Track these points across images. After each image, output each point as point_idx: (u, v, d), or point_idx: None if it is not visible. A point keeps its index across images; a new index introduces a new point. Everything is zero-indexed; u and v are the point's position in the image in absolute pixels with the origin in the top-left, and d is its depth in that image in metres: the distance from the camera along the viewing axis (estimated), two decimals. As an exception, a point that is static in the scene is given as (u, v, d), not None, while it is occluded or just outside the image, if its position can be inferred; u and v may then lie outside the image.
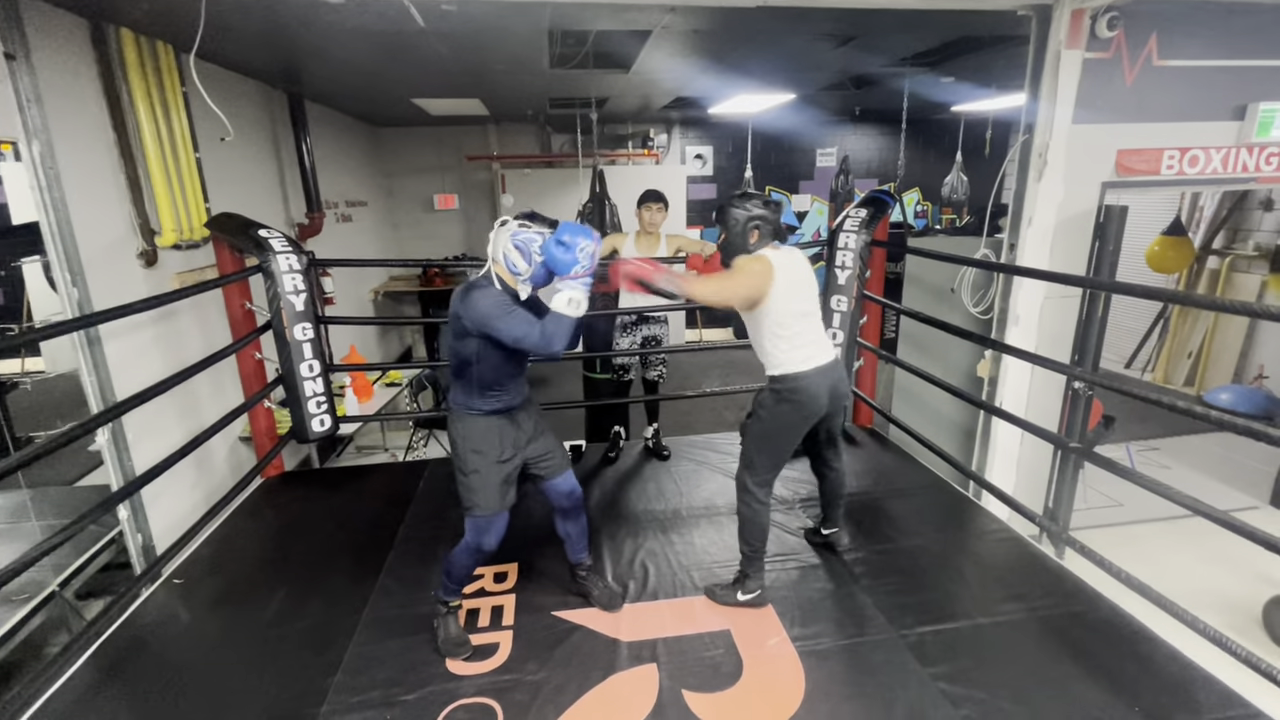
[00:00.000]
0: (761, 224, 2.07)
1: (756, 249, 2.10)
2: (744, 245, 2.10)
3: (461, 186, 7.62)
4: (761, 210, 2.08)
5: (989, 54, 3.92)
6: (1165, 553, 3.42)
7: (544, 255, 1.77)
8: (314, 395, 2.89)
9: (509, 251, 1.81)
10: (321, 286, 4.77)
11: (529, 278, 1.82)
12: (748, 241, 2.09)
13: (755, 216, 2.06)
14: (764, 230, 2.08)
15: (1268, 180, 3.09)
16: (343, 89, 4.67)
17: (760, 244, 2.09)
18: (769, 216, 2.08)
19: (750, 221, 2.07)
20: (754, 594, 2.18)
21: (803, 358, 2.07)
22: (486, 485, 1.92)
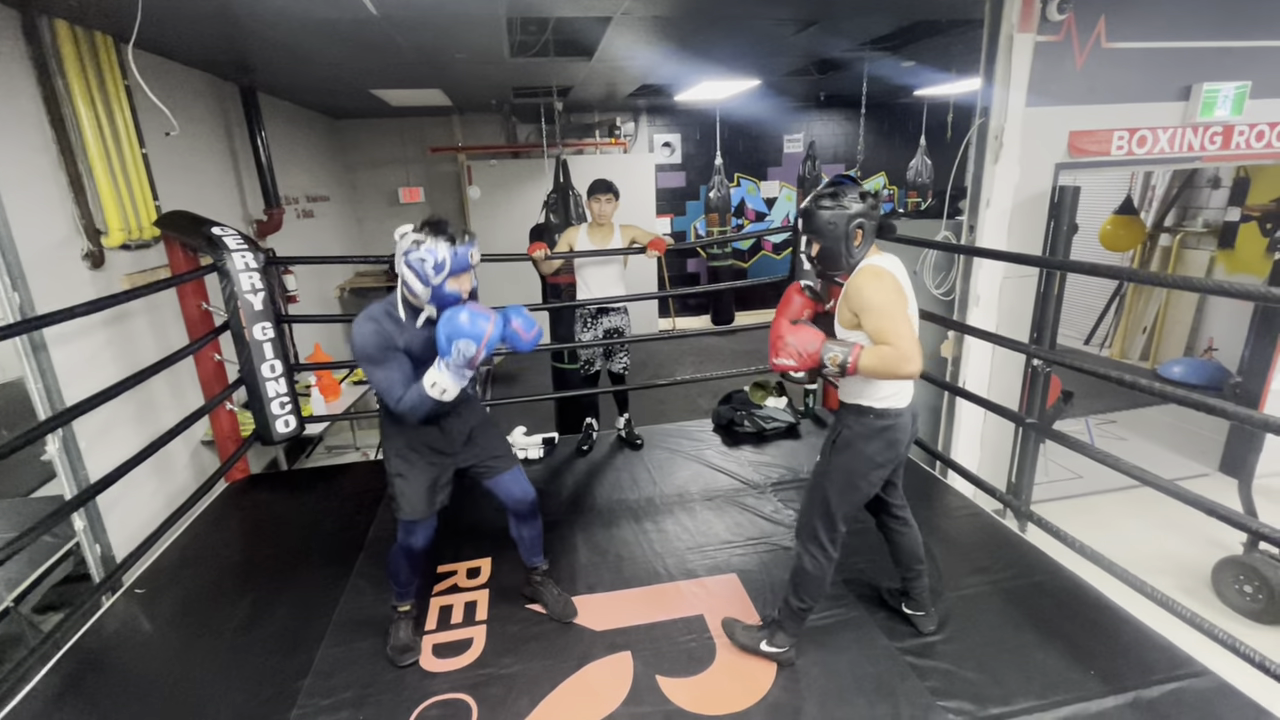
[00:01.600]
0: (865, 221, 1.67)
1: (863, 256, 1.70)
2: (850, 254, 1.68)
3: (427, 179, 7.49)
4: (861, 205, 1.66)
5: (947, 38, 3.96)
6: (1122, 520, 3.56)
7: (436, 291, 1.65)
8: (277, 396, 2.82)
9: (403, 272, 1.66)
10: (283, 284, 4.66)
11: (428, 299, 1.67)
12: (852, 247, 1.68)
13: (857, 214, 1.65)
14: (868, 229, 1.68)
15: (1212, 159, 3.19)
16: (298, 80, 4.53)
17: (865, 248, 1.69)
18: (870, 211, 1.67)
19: (853, 222, 1.66)
20: (783, 650, 1.87)
21: (904, 388, 1.75)
22: (409, 490, 1.88)
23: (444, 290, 1.67)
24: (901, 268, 1.72)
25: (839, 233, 1.67)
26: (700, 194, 7.99)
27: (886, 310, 1.60)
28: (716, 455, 3.26)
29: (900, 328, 1.58)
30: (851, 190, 1.69)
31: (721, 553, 2.44)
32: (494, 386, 6.74)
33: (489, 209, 7.26)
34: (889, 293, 1.62)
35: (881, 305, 1.61)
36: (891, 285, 1.63)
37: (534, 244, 3.15)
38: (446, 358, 1.63)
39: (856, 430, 1.77)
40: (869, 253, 1.72)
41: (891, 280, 1.64)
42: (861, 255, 1.70)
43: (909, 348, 1.57)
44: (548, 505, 2.84)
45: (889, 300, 1.61)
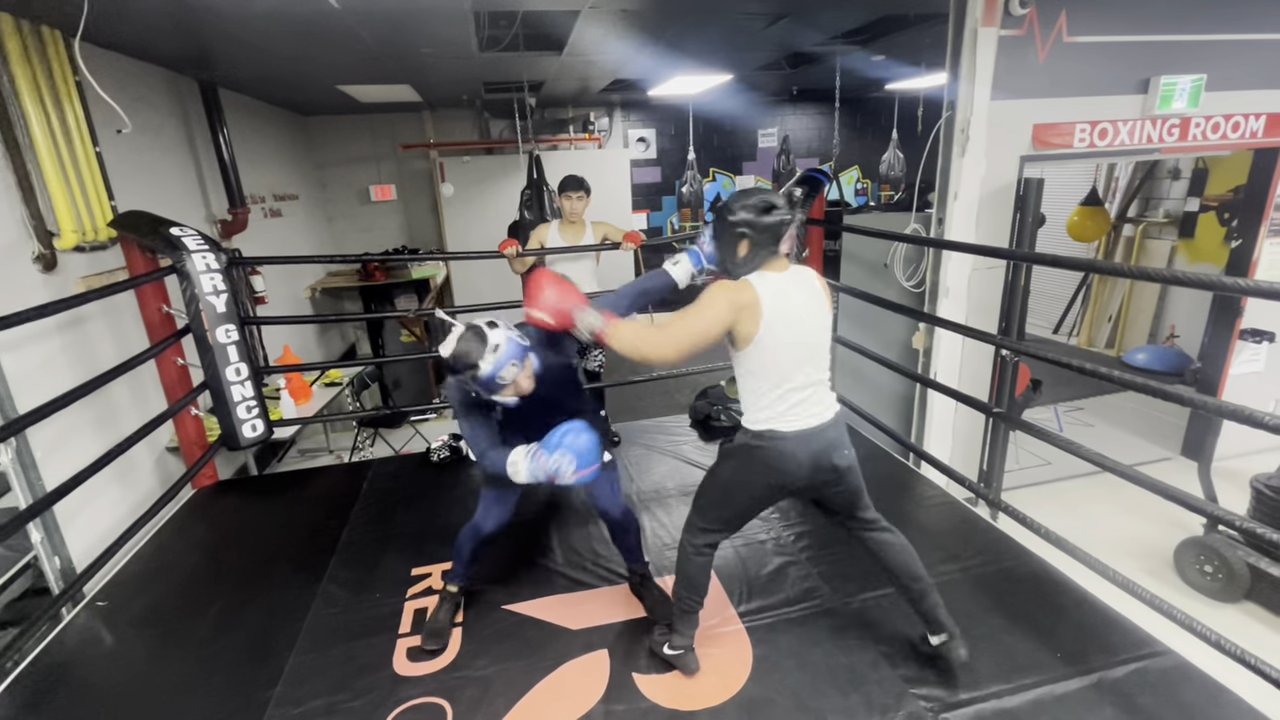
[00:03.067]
0: (751, 233, 1.53)
1: (743, 270, 1.58)
2: (732, 263, 1.60)
3: (398, 176, 7.38)
4: (750, 214, 1.52)
5: (915, 32, 4.00)
6: (1089, 505, 3.64)
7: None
8: (243, 400, 2.76)
9: None
10: (251, 285, 4.55)
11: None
12: (734, 258, 1.59)
13: (741, 223, 1.53)
14: (756, 241, 1.54)
15: (1170, 150, 3.27)
16: (260, 76, 4.42)
17: (750, 262, 1.57)
18: (762, 222, 1.52)
19: (736, 230, 1.54)
20: (679, 652, 1.82)
21: (784, 414, 1.61)
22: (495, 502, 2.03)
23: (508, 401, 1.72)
24: (803, 289, 1.60)
25: (723, 241, 1.61)
26: (675, 189, 7.98)
27: (691, 310, 1.54)
28: (693, 450, 3.27)
29: (684, 321, 1.53)
30: (759, 194, 1.57)
31: (698, 548, 2.44)
32: (471, 385, 6.68)
33: (463, 206, 7.17)
34: (711, 304, 1.52)
35: (695, 305, 1.53)
36: (724, 299, 1.52)
37: (505, 241, 3.12)
38: (544, 455, 1.65)
39: (737, 443, 1.70)
40: (755, 269, 1.58)
41: (733, 296, 1.52)
42: (747, 271, 1.58)
43: (670, 337, 1.53)
44: (524, 504, 2.80)
45: (703, 305, 1.53)
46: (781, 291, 1.56)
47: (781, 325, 1.55)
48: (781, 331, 1.55)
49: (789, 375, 1.60)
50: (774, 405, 1.62)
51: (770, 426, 1.62)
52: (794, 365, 1.60)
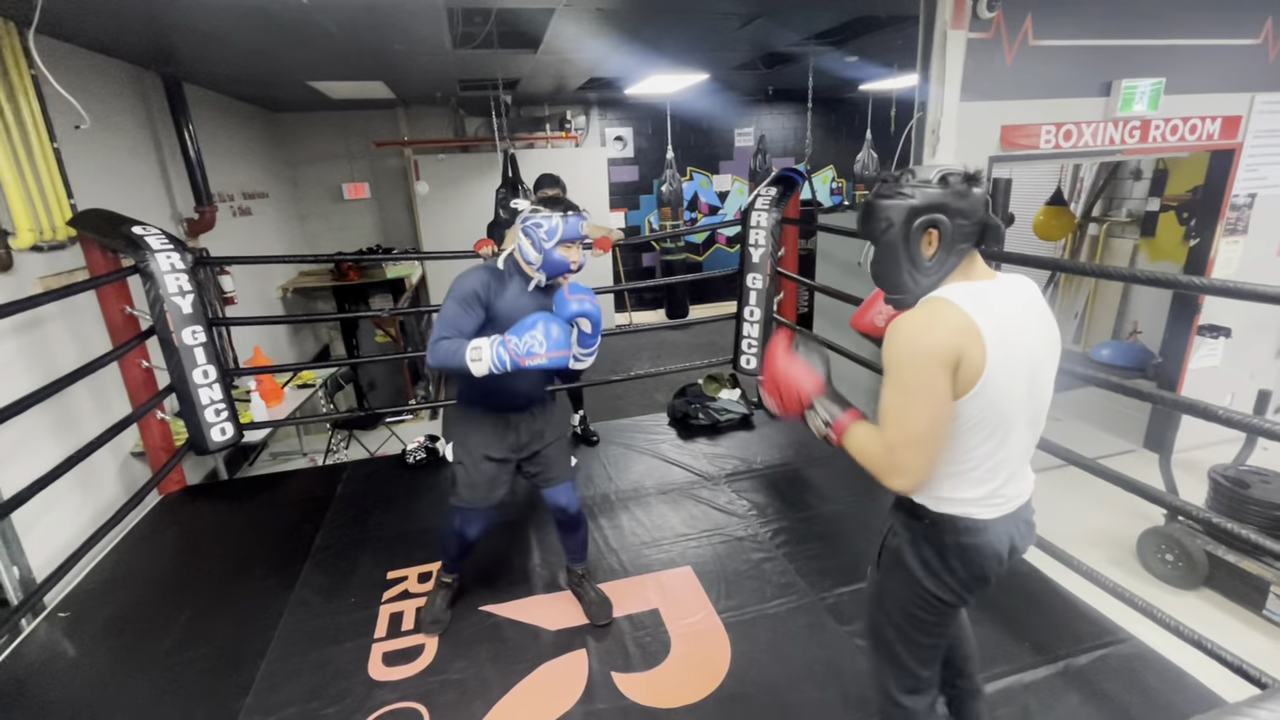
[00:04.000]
0: (945, 220, 1.07)
1: (927, 282, 1.12)
2: (916, 272, 1.12)
3: (372, 174, 7.26)
4: (939, 192, 1.07)
5: (888, 33, 4.06)
6: (1057, 497, 3.72)
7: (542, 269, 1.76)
8: (211, 403, 2.70)
9: (520, 240, 1.77)
10: (219, 286, 4.45)
11: (540, 266, 1.76)
12: (920, 260, 1.11)
13: (926, 207, 1.08)
14: (951, 233, 1.08)
15: (1131, 152, 3.36)
16: (227, 71, 4.32)
17: (939, 269, 1.11)
18: (960, 204, 1.07)
19: (918, 220, 1.08)
20: None
21: (994, 493, 1.16)
22: (468, 477, 1.92)
23: (554, 255, 1.75)
24: (1024, 305, 1.12)
25: (894, 237, 1.10)
26: (653, 188, 7.99)
27: (899, 378, 1.06)
28: (671, 449, 3.28)
29: (906, 413, 1.06)
30: (925, 171, 1.10)
31: (676, 546, 2.46)
32: (447, 385, 6.62)
33: (438, 204, 7.09)
34: (917, 351, 1.04)
35: (898, 366, 1.06)
36: (929, 339, 1.04)
37: (481, 240, 3.09)
38: (513, 338, 1.63)
39: (904, 539, 1.23)
40: (953, 275, 1.11)
41: (938, 329, 1.04)
42: (938, 277, 1.11)
43: (900, 450, 1.07)
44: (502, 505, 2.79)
45: (910, 363, 1.05)
46: (1001, 310, 1.08)
47: (1008, 364, 1.06)
48: (1008, 374, 1.07)
49: (1010, 437, 1.12)
50: (983, 481, 1.14)
51: (970, 513, 1.16)
52: (1023, 423, 1.13)
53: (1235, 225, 3.77)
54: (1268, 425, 1.58)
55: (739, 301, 3.37)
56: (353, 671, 1.89)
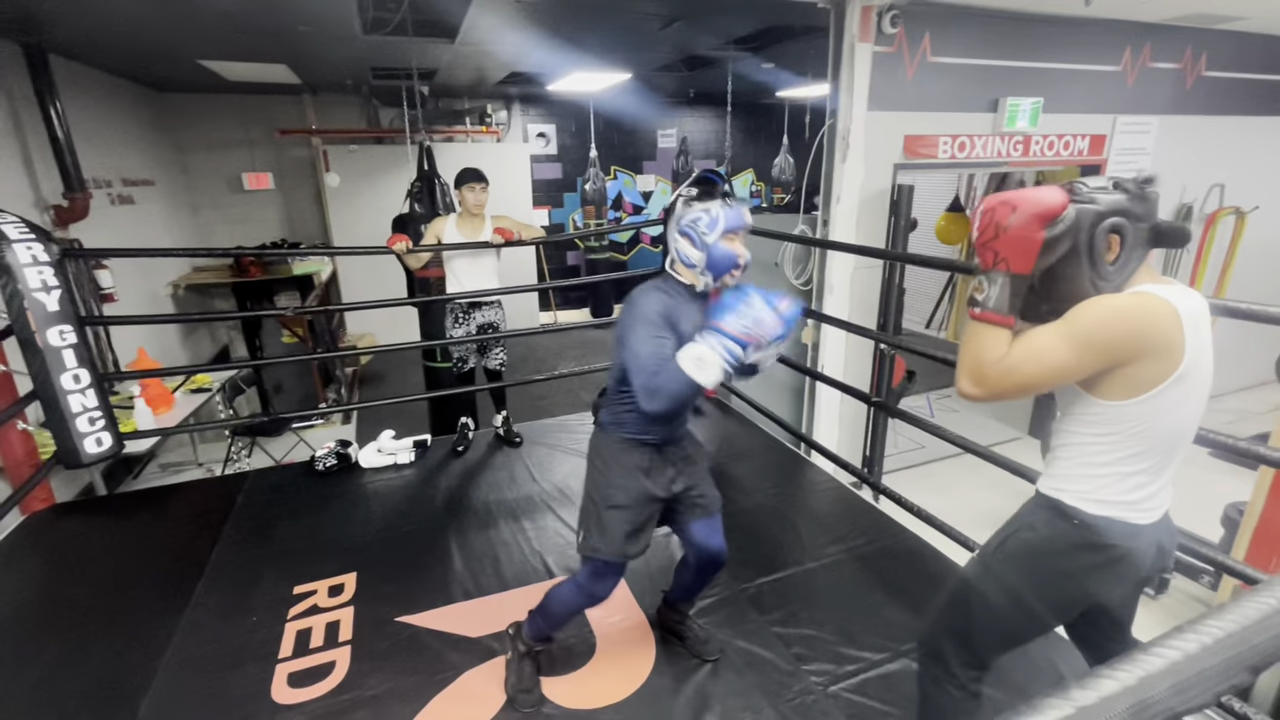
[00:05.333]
0: (1126, 224, 1.06)
1: (1115, 285, 1.08)
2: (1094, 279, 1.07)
3: (276, 164, 6.80)
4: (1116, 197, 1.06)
5: (801, 43, 4.23)
6: (956, 482, 4.02)
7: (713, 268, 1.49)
8: (84, 411, 2.43)
9: (678, 243, 1.52)
10: (96, 281, 4.03)
11: (704, 266, 1.50)
12: (1100, 266, 1.07)
13: (1110, 211, 1.05)
14: (1130, 237, 1.06)
15: (1016, 164, 3.67)
16: (101, 43, 3.91)
17: (1125, 269, 1.08)
18: (1139, 208, 1.06)
19: (1103, 222, 1.05)
20: None
21: (1151, 497, 1.13)
22: (617, 524, 1.60)
23: (719, 249, 1.49)
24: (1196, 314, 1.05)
25: (1079, 244, 1.05)
26: (577, 186, 7.95)
27: (1074, 329, 1.04)
28: (596, 448, 3.27)
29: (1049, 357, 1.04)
30: (1096, 179, 1.10)
31: (601, 545, 2.45)
32: (361, 388, 6.30)
33: (350, 197, 6.74)
34: (1113, 322, 1.02)
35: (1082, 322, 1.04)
36: (1137, 320, 1.02)
37: (394, 236, 2.96)
38: (719, 317, 1.35)
39: (1040, 535, 1.18)
40: (1138, 278, 1.09)
41: (1149, 315, 1.02)
42: (1119, 282, 1.08)
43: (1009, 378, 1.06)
44: (420, 511, 2.70)
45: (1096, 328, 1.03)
46: (1197, 313, 1.05)
47: (1199, 368, 1.05)
48: (1198, 377, 1.06)
49: (1177, 444, 1.11)
50: (1142, 485, 1.11)
51: (1128, 517, 1.12)
52: (1190, 430, 1.12)
53: (1103, 233, 4.18)
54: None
55: (662, 300, 3.40)
56: (254, 696, 1.76)
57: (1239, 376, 5.17)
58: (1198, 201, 4.47)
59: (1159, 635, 0.37)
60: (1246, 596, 0.39)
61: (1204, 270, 4.63)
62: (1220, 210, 4.56)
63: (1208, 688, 0.34)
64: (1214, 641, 0.35)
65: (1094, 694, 0.32)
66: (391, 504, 2.77)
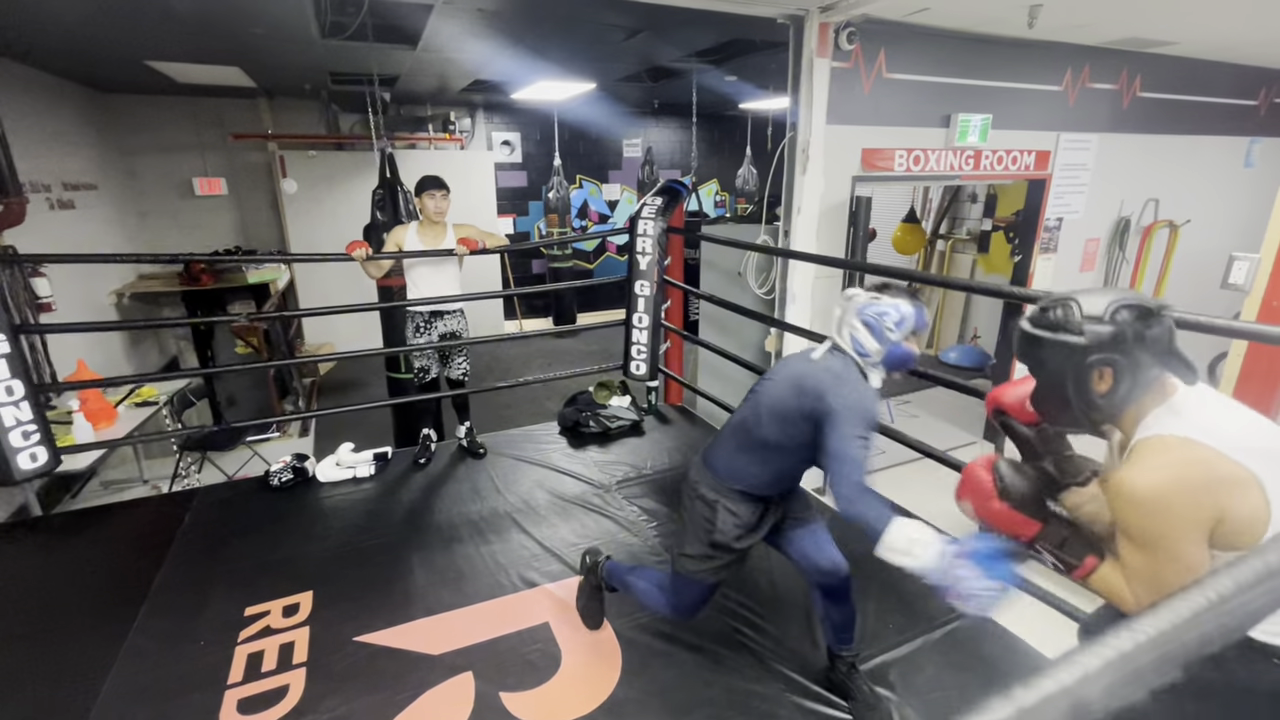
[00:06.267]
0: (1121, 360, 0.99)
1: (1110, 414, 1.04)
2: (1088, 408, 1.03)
3: (229, 169, 6.59)
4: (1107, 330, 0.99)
5: (763, 57, 4.31)
6: (916, 486, 4.10)
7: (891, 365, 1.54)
8: (17, 425, 2.30)
9: (855, 329, 1.52)
10: (31, 289, 3.83)
11: (880, 360, 1.53)
12: (1089, 399, 1.02)
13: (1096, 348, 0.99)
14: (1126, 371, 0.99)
15: (968, 178, 3.81)
16: (39, 41, 3.74)
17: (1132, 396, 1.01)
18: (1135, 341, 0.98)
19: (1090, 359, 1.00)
20: None
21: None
22: (715, 559, 1.67)
23: (901, 349, 1.53)
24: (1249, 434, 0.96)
25: (1059, 374, 1.03)
26: (542, 194, 7.92)
27: (1146, 540, 0.96)
28: (562, 458, 3.24)
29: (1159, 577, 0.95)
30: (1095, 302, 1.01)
31: (567, 556, 2.42)
32: (321, 398, 6.13)
33: (308, 204, 6.58)
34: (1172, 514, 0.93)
35: (1142, 530, 0.96)
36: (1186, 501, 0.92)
37: (353, 242, 2.89)
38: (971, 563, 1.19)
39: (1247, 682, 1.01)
40: (1154, 405, 1.01)
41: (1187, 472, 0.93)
42: (1125, 406, 1.01)
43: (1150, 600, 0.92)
44: (379, 526, 2.63)
45: (1162, 530, 0.94)
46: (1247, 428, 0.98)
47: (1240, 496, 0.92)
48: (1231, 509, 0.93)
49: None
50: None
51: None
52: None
53: (1048, 244, 4.37)
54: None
55: (628, 308, 3.41)
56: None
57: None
58: (1135, 215, 4.71)
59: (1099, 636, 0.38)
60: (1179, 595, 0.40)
61: (1141, 280, 4.87)
62: (1156, 223, 4.81)
63: (1142, 684, 0.35)
64: (1147, 640, 0.36)
65: (1035, 694, 0.33)
66: (350, 519, 2.70)
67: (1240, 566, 0.40)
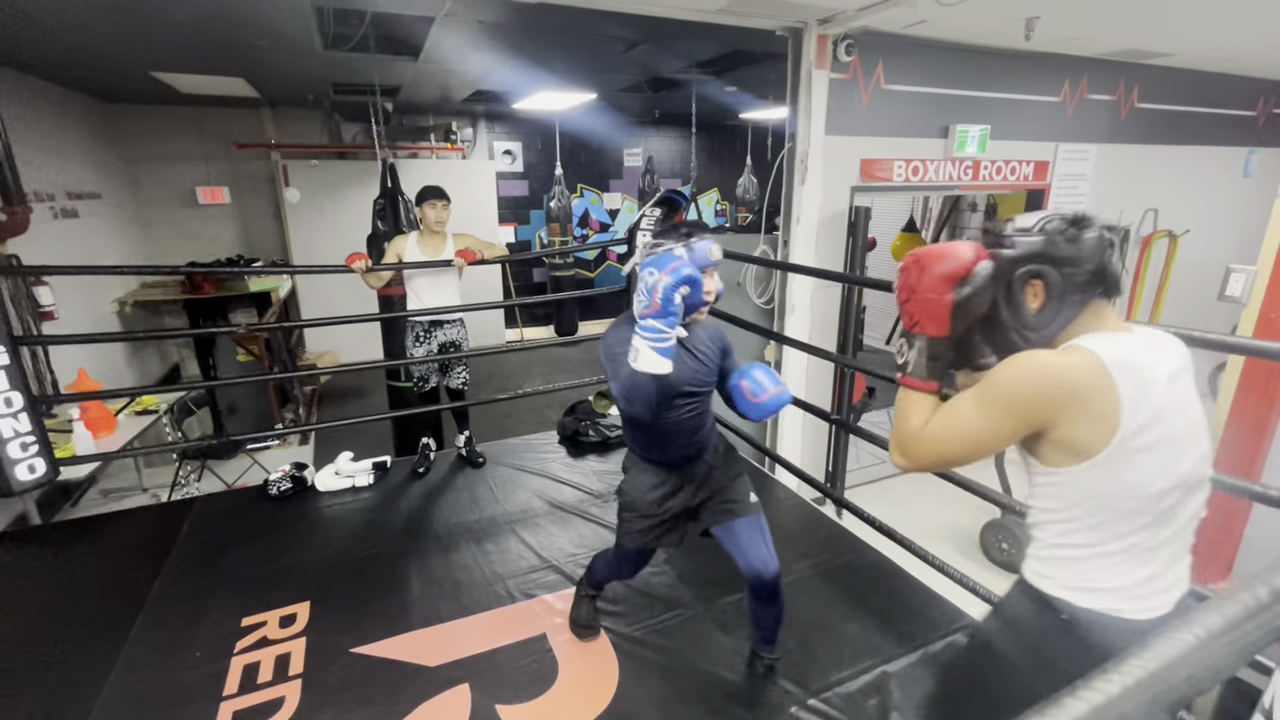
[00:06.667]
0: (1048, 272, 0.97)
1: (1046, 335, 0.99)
2: (1020, 329, 1.00)
3: (233, 178, 6.63)
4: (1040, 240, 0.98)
5: (763, 68, 4.34)
6: (914, 497, 4.10)
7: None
8: (16, 436, 2.30)
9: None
10: (35, 299, 3.84)
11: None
12: (1022, 316, 1.00)
13: (1027, 257, 0.98)
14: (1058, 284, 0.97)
15: (966, 188, 3.82)
16: (47, 54, 3.78)
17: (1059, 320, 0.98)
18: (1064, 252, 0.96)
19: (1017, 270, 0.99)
20: None
21: (1135, 586, 0.96)
22: (630, 526, 1.78)
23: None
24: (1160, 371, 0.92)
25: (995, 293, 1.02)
26: (544, 203, 7.96)
27: (989, 397, 0.95)
28: (561, 468, 3.24)
29: (967, 426, 0.97)
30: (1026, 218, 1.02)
31: (565, 566, 2.42)
32: (321, 408, 6.13)
33: (310, 214, 6.61)
34: (1025, 385, 0.93)
35: (997, 387, 0.95)
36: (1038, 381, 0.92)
37: (353, 254, 2.91)
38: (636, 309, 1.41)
39: (1028, 634, 1.05)
40: (1077, 327, 0.98)
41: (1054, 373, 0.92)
42: (1052, 332, 0.99)
43: (930, 445, 1.00)
44: (378, 536, 2.63)
45: (1010, 395, 0.94)
46: (1143, 364, 0.92)
47: (1158, 426, 0.90)
48: (1158, 439, 0.90)
49: (1167, 517, 0.94)
50: (1130, 569, 0.95)
51: (1121, 609, 0.95)
52: (1177, 500, 0.94)
53: (1049, 254, 4.37)
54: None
55: (627, 318, 3.42)
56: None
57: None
58: (1134, 225, 4.71)
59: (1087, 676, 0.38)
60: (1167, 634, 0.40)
61: (1141, 290, 4.88)
62: (1155, 234, 4.81)
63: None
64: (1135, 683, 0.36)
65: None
66: (348, 529, 2.69)
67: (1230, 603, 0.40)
